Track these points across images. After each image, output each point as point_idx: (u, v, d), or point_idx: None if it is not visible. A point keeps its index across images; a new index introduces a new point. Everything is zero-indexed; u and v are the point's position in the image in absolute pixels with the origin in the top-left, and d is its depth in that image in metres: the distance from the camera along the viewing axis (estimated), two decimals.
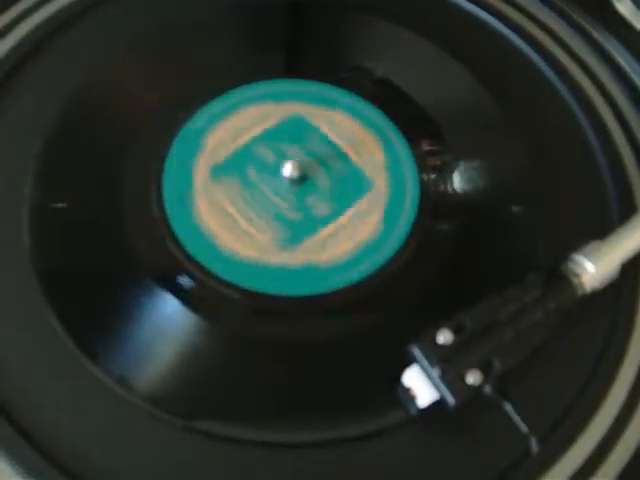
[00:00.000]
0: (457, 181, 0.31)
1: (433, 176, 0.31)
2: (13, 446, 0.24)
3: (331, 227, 0.30)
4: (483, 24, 0.36)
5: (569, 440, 0.25)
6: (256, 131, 0.32)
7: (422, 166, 0.31)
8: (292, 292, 0.28)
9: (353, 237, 0.29)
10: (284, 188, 0.30)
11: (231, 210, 0.30)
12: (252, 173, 0.31)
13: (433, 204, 0.31)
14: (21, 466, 0.24)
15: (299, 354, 0.27)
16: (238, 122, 0.32)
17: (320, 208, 0.30)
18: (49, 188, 0.30)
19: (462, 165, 0.32)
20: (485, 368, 0.25)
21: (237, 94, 0.33)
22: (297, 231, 0.30)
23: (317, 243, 0.29)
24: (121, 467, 0.25)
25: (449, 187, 0.31)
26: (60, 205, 0.30)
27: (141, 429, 0.25)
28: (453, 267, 0.29)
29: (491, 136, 0.33)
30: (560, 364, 0.27)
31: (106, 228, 0.29)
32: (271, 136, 0.32)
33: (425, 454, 0.25)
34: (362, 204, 0.30)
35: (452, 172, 0.32)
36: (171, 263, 0.28)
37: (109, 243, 0.29)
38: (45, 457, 0.24)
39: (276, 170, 0.31)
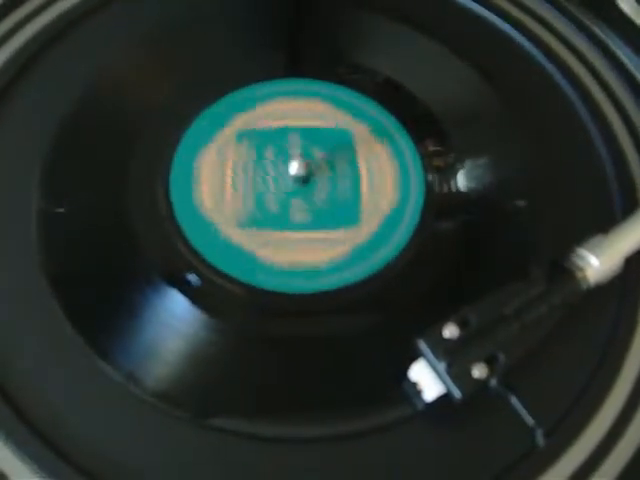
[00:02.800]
0: (462, 179, 0.31)
1: (438, 175, 0.31)
2: (26, 445, 0.25)
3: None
4: (487, 22, 0.36)
5: (575, 433, 0.26)
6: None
7: (427, 165, 0.32)
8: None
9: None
10: (292, 186, 0.31)
11: (264, 231, 0.30)
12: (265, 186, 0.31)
13: (438, 202, 0.31)
14: (35, 465, 0.24)
15: (307, 349, 0.27)
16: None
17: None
18: (56, 191, 0.30)
19: (467, 163, 0.32)
20: (491, 362, 0.25)
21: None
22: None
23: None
24: (133, 463, 0.25)
25: (454, 186, 0.31)
26: (65, 208, 0.30)
27: (151, 425, 0.25)
28: (459, 264, 0.29)
29: (495, 134, 0.33)
30: (565, 357, 0.27)
31: (115, 229, 0.30)
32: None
33: (431, 447, 0.25)
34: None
35: (457, 171, 0.32)
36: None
37: (118, 243, 0.29)
38: (58, 455, 0.24)
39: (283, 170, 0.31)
